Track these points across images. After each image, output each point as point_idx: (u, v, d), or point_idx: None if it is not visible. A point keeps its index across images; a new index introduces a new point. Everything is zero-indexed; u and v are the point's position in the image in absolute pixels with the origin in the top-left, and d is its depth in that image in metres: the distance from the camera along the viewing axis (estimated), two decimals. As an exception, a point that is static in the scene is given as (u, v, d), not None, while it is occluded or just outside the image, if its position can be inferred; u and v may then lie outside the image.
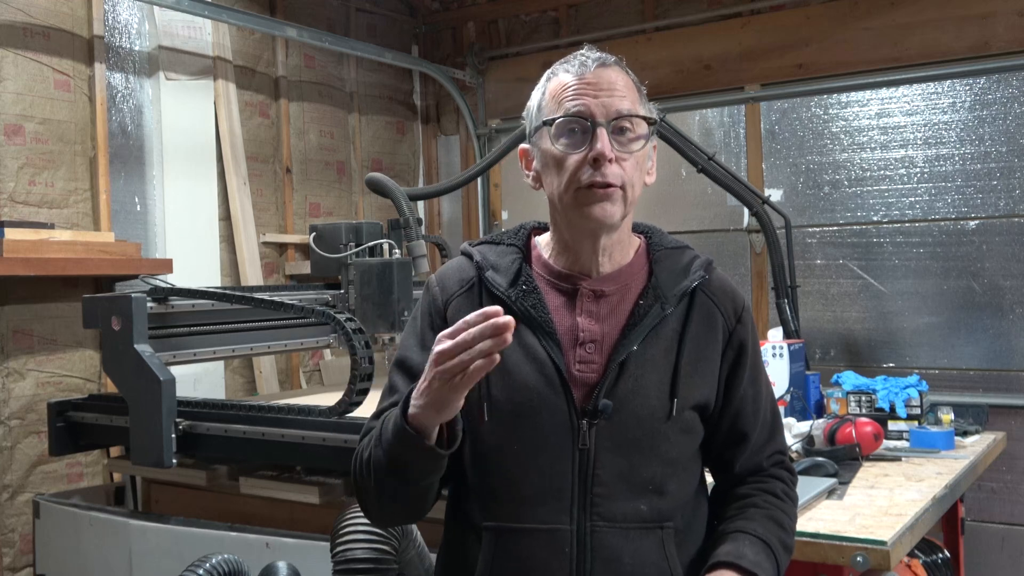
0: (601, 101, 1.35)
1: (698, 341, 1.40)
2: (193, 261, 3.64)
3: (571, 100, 1.36)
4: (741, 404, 1.45)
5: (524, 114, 1.46)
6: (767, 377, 1.52)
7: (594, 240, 1.39)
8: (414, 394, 1.26)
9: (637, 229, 1.49)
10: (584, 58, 1.39)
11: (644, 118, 1.39)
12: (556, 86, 1.39)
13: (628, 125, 1.36)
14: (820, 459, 2.39)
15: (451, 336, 1.19)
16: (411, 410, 1.25)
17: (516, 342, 1.36)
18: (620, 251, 1.43)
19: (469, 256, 1.48)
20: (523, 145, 1.46)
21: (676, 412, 1.37)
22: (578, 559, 1.33)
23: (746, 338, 1.45)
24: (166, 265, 3.33)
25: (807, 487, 2.16)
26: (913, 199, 3.75)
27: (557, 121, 1.35)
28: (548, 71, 1.44)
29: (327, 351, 4.13)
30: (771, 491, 1.46)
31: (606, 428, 1.34)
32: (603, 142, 1.33)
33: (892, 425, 2.83)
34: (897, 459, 2.59)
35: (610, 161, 1.33)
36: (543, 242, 1.48)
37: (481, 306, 1.39)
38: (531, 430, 1.36)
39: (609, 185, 1.34)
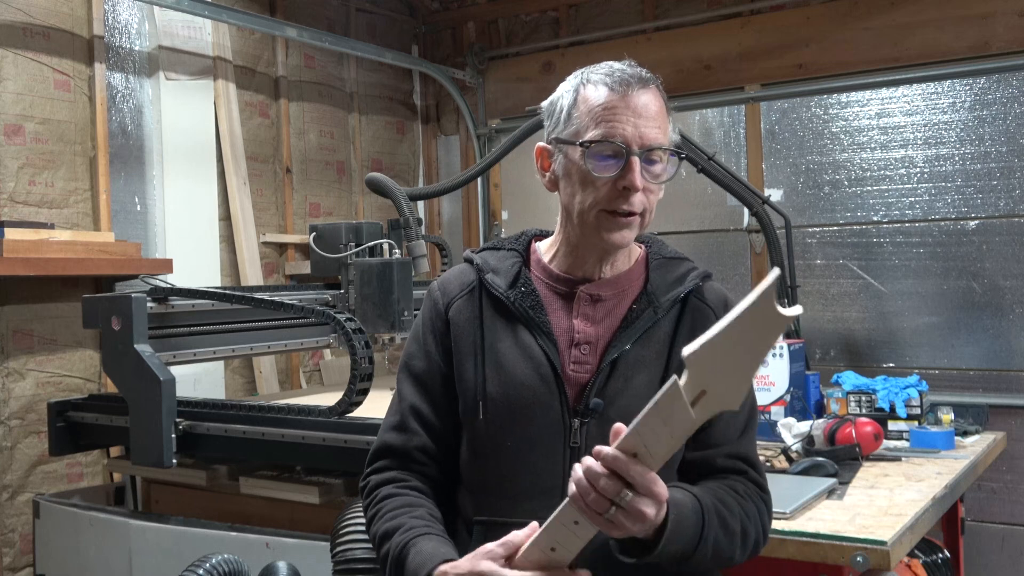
0: (639, 131, 1.35)
1: (690, 341, 1.41)
2: (193, 261, 3.64)
3: (609, 123, 1.35)
4: None
5: (544, 107, 1.45)
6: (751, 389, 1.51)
7: (603, 255, 1.43)
8: None
9: (638, 239, 1.50)
10: (626, 75, 1.37)
11: (675, 152, 1.39)
12: (593, 99, 1.37)
13: (659, 158, 1.37)
14: (820, 459, 2.39)
15: None
16: None
17: (513, 341, 1.41)
18: (622, 260, 1.46)
19: (470, 261, 1.51)
20: (541, 144, 1.45)
21: None
22: None
23: None
24: (166, 265, 3.33)
25: (807, 487, 2.16)
26: (913, 199, 3.75)
27: (595, 144, 1.35)
28: (583, 73, 1.41)
29: (327, 351, 4.13)
30: (727, 485, 1.40)
31: (596, 427, 1.37)
32: (636, 173, 1.34)
33: (892, 425, 2.83)
34: (897, 459, 2.59)
35: (637, 191, 1.35)
36: (543, 248, 1.50)
37: (481, 308, 1.43)
38: (524, 427, 1.38)
39: (632, 214, 1.36)
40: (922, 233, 3.73)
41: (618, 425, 1.17)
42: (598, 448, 1.16)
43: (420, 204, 4.72)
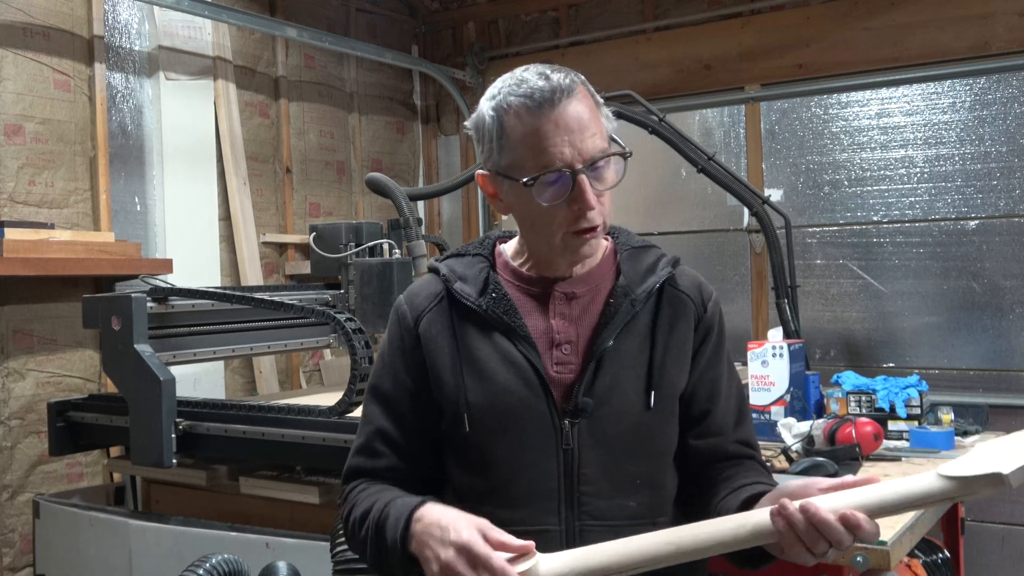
0: (577, 148, 1.29)
1: (671, 331, 1.41)
2: (193, 261, 3.64)
3: (545, 151, 1.29)
4: (699, 382, 1.44)
5: (470, 128, 1.40)
6: (735, 370, 1.51)
7: (573, 264, 1.41)
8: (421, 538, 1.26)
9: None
10: (545, 92, 1.30)
11: (620, 153, 1.35)
12: (520, 128, 1.31)
13: (605, 163, 1.33)
14: (820, 459, 2.39)
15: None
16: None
17: (491, 348, 1.37)
18: (591, 256, 1.43)
19: (436, 271, 1.46)
20: (481, 172, 1.40)
21: (655, 404, 1.37)
22: None
23: (713, 324, 1.46)
24: (166, 265, 3.33)
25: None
26: (913, 199, 3.75)
27: (539, 179, 1.30)
28: (499, 94, 1.34)
29: (327, 351, 4.13)
30: (754, 472, 1.42)
31: (588, 426, 1.35)
32: (587, 193, 1.30)
33: (892, 425, 2.83)
34: (897, 459, 2.59)
35: (593, 210, 1.32)
36: (510, 249, 1.47)
37: (452, 320, 1.40)
38: (514, 434, 1.36)
39: (594, 227, 1.34)
40: (922, 233, 3.73)
41: (869, 481, 1.17)
42: (849, 514, 1.13)
43: (420, 204, 4.72)
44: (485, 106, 1.36)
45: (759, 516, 1.18)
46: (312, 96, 4.33)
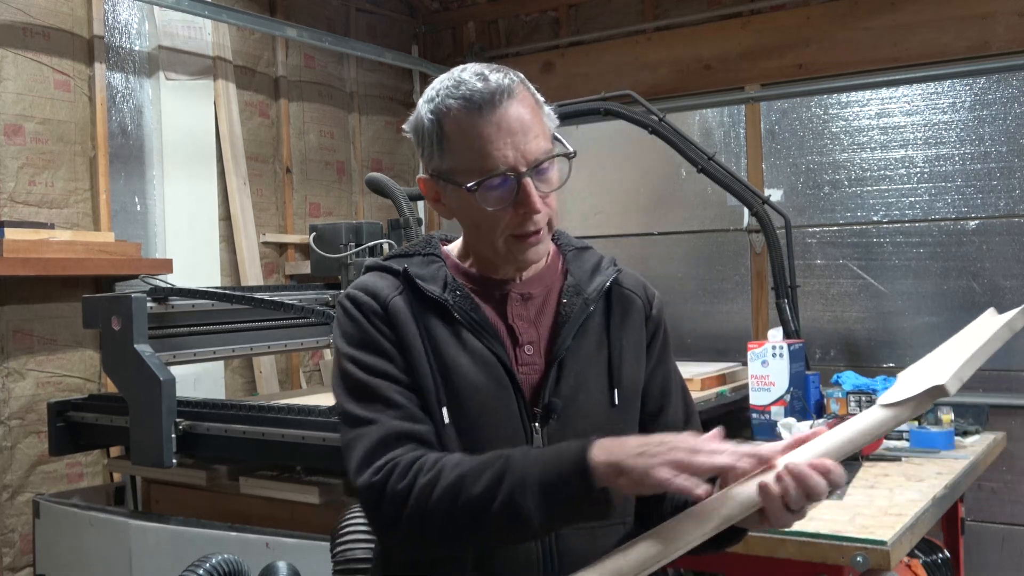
0: (520, 150, 1.27)
1: (624, 329, 1.42)
2: (193, 261, 3.64)
3: (488, 155, 1.26)
4: (651, 380, 1.45)
5: (410, 131, 1.37)
6: (677, 367, 1.53)
7: (519, 270, 1.39)
8: (602, 448, 1.16)
9: None
10: (485, 94, 1.27)
11: (563, 154, 1.33)
12: (460, 131, 1.28)
13: (549, 164, 1.31)
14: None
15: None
16: (597, 456, 1.15)
17: (460, 346, 1.34)
18: (536, 261, 1.41)
19: (385, 269, 1.40)
20: (423, 176, 1.38)
21: (619, 401, 1.37)
22: (545, 565, 1.30)
23: (660, 322, 1.48)
24: (166, 265, 3.33)
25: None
26: (913, 199, 3.75)
27: (482, 183, 1.27)
28: (437, 97, 1.32)
29: (327, 351, 4.13)
30: None
31: (557, 428, 1.33)
32: (532, 196, 1.27)
33: (892, 425, 2.82)
34: (897, 459, 2.59)
35: (539, 213, 1.30)
36: (455, 252, 1.44)
37: (415, 314, 1.33)
38: (488, 435, 1.31)
39: (539, 231, 1.32)
40: (922, 233, 3.73)
41: (816, 434, 1.20)
42: (817, 462, 1.15)
43: (420, 204, 4.71)
44: (423, 109, 1.34)
45: (741, 490, 1.18)
46: (312, 96, 4.33)
